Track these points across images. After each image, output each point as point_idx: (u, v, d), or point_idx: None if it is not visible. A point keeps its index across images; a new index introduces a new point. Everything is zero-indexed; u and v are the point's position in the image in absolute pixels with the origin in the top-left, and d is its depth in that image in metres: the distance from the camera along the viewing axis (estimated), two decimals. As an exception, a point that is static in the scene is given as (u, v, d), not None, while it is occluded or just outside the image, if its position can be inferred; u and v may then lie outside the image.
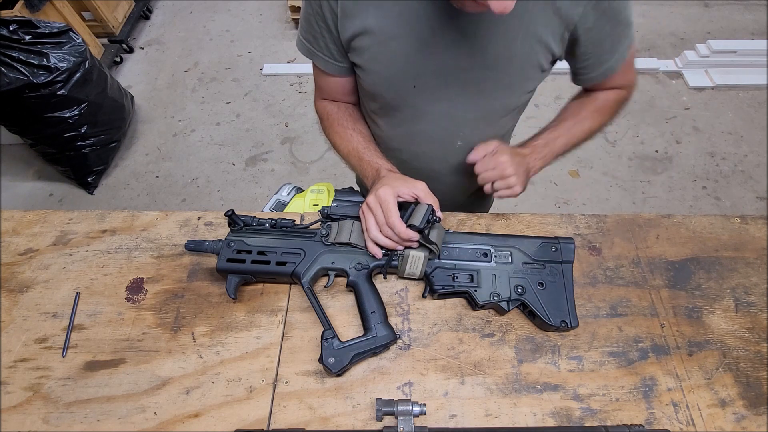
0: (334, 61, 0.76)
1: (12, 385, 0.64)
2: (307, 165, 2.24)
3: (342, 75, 0.79)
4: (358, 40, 0.69)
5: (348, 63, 0.76)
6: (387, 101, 0.78)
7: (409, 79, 0.72)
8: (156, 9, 3.10)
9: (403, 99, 0.76)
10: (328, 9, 0.67)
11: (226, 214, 0.71)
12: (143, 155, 2.28)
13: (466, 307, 0.71)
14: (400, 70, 0.71)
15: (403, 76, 0.72)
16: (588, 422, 0.61)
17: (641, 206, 2.06)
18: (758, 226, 0.82)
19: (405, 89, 0.74)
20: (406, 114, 0.79)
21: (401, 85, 0.74)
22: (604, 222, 0.82)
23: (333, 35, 0.71)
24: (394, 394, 0.63)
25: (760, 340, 0.68)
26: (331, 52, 0.74)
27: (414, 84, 0.73)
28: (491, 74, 0.71)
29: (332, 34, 0.71)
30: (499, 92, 0.75)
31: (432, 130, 0.82)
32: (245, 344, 0.67)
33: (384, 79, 0.74)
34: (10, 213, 0.83)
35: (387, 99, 0.77)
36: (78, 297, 0.72)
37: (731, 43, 2.56)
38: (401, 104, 0.78)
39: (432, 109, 0.77)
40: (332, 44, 0.73)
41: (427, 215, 0.65)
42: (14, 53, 1.69)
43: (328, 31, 0.71)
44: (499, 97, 0.76)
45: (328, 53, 0.75)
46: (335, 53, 0.74)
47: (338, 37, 0.71)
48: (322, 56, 0.75)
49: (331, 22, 0.69)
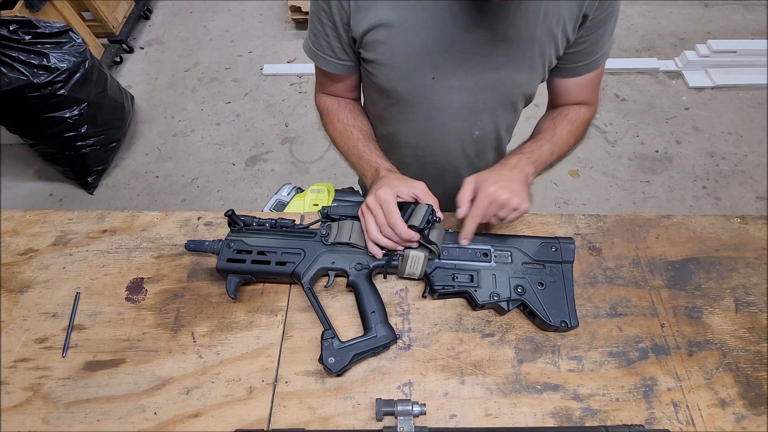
0: (336, 60, 0.76)
1: (12, 385, 0.64)
2: (307, 165, 2.24)
3: (344, 73, 0.79)
4: (373, 33, 0.67)
5: (351, 61, 0.76)
6: (402, 96, 0.76)
7: (428, 70, 0.71)
8: (156, 9, 3.10)
9: (420, 92, 0.75)
10: (337, 5, 0.67)
11: (226, 214, 0.71)
12: (143, 155, 2.28)
13: (466, 307, 0.71)
14: (419, 62, 0.70)
15: (421, 68, 0.71)
16: (588, 422, 0.61)
17: (641, 206, 2.06)
18: (758, 226, 0.82)
19: (423, 82, 0.73)
20: (422, 108, 0.78)
21: (419, 77, 0.72)
22: (604, 222, 0.82)
23: (338, 32, 0.70)
24: (394, 394, 0.63)
25: (760, 340, 0.68)
26: (334, 50, 0.74)
27: (433, 75, 0.71)
28: (513, 58, 0.70)
29: (337, 31, 0.70)
30: (521, 76, 0.74)
31: (449, 123, 0.80)
32: (245, 344, 0.67)
33: (401, 72, 0.72)
34: (10, 213, 0.83)
35: (403, 94, 0.76)
36: (78, 297, 0.72)
37: (731, 43, 2.56)
38: (417, 98, 0.76)
39: (450, 101, 0.76)
40: (336, 42, 0.72)
41: (427, 215, 0.65)
42: (14, 53, 1.69)
43: (333, 29, 0.70)
44: (519, 82, 0.75)
45: (330, 52, 0.74)
46: (338, 51, 0.74)
47: (344, 35, 0.70)
48: (323, 56, 0.75)
49: (339, 18, 0.68)
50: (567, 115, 0.81)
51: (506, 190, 0.65)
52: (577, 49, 0.73)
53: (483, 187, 0.65)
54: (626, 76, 2.60)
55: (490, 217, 0.67)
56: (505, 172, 0.69)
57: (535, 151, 0.75)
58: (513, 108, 0.83)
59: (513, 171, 0.69)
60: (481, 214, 0.65)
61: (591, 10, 0.67)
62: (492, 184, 0.65)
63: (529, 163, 0.72)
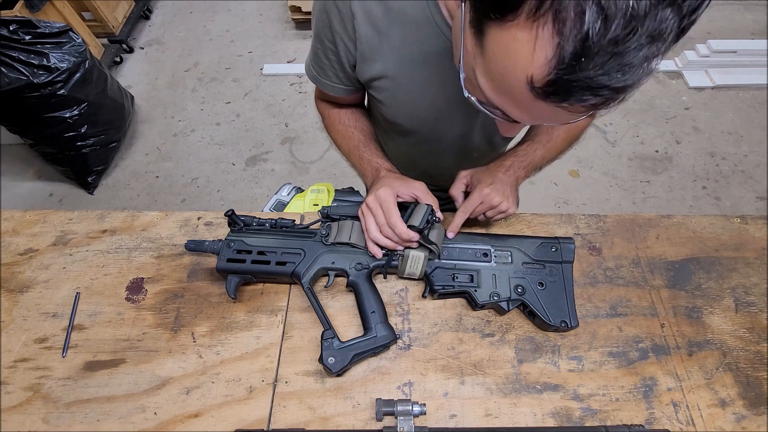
0: (341, 85, 0.76)
1: (12, 385, 0.64)
2: (307, 165, 2.24)
3: (349, 95, 0.79)
4: (378, 82, 0.69)
5: (356, 86, 0.76)
6: (406, 128, 0.80)
7: (431, 114, 0.74)
8: (156, 9, 3.10)
9: (424, 125, 0.78)
10: (344, 50, 0.67)
11: (226, 214, 0.71)
12: (143, 155, 2.28)
13: (466, 307, 0.71)
14: (422, 108, 0.73)
15: (424, 112, 0.74)
16: (588, 422, 0.61)
17: (641, 206, 2.06)
18: (758, 226, 0.82)
19: (426, 121, 0.76)
20: (425, 135, 0.81)
21: (422, 117, 0.75)
22: (604, 222, 0.82)
23: (344, 68, 0.71)
24: (394, 394, 0.63)
25: (760, 340, 0.68)
26: (340, 79, 0.74)
27: (436, 116, 0.74)
28: None
29: (343, 67, 0.71)
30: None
31: (448, 149, 0.84)
32: (245, 344, 0.67)
33: (405, 114, 0.75)
34: (10, 213, 0.83)
35: (406, 127, 0.79)
36: (78, 297, 0.72)
37: (731, 43, 2.56)
38: (421, 129, 0.79)
39: (451, 132, 0.79)
40: (341, 73, 0.73)
41: (427, 215, 0.65)
42: (14, 53, 1.69)
43: (338, 64, 0.70)
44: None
45: (336, 80, 0.75)
46: (343, 79, 0.74)
47: (350, 71, 0.71)
48: (329, 83, 0.75)
49: (345, 60, 0.69)
50: None
51: (499, 193, 0.70)
52: None
53: (478, 187, 0.71)
54: (626, 76, 2.60)
55: (477, 215, 0.72)
56: (500, 174, 0.72)
57: (529, 155, 0.77)
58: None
59: (507, 174, 0.73)
60: (471, 210, 0.71)
61: None
62: (487, 185, 0.70)
63: (521, 167, 0.76)
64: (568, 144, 0.83)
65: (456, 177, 0.75)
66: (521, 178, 0.76)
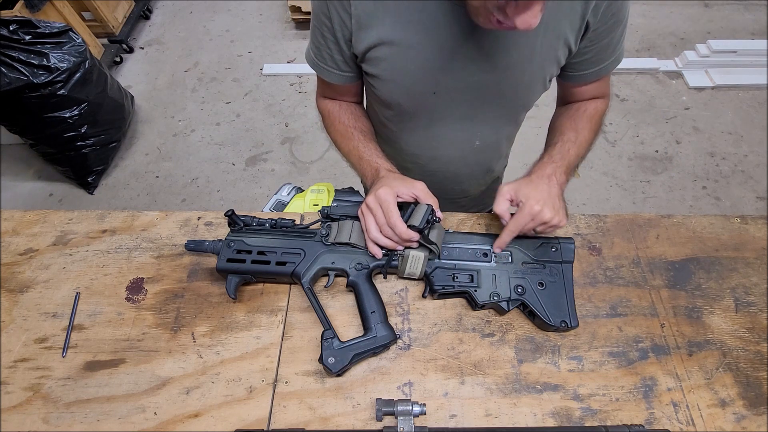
0: (338, 71, 0.76)
1: (12, 385, 0.64)
2: (307, 165, 2.24)
3: (347, 83, 0.79)
4: (375, 50, 0.68)
5: (353, 72, 0.76)
6: (404, 109, 0.78)
7: (429, 86, 0.72)
8: (156, 9, 3.10)
9: (422, 105, 0.76)
10: (339, 21, 0.67)
11: (226, 214, 0.71)
12: (143, 155, 2.28)
13: (466, 307, 0.71)
14: (420, 79, 0.71)
15: (422, 85, 0.72)
16: (588, 422, 0.61)
17: (641, 206, 2.06)
18: (758, 226, 0.82)
19: (424, 96, 0.74)
20: (423, 119, 0.79)
21: (421, 93, 0.73)
22: (604, 222, 0.82)
23: (340, 47, 0.70)
24: (394, 394, 0.63)
25: (760, 340, 0.68)
26: (336, 62, 0.74)
27: (434, 91, 0.73)
28: (513, 74, 0.70)
29: (339, 46, 0.70)
30: (520, 91, 0.74)
31: (450, 133, 0.82)
32: (245, 344, 0.67)
33: (403, 88, 0.73)
34: (10, 213, 0.83)
35: (404, 107, 0.77)
36: (78, 297, 0.72)
37: (731, 43, 2.56)
38: (419, 111, 0.78)
39: (450, 114, 0.78)
40: (338, 55, 0.72)
41: (427, 215, 0.65)
42: (14, 53, 1.69)
43: (334, 43, 0.70)
44: (520, 95, 0.76)
45: (332, 64, 0.74)
46: (340, 63, 0.74)
47: (346, 49, 0.70)
48: (326, 67, 0.75)
49: (341, 34, 0.68)
50: (585, 111, 0.81)
51: (550, 208, 0.66)
52: (583, 58, 0.73)
53: (528, 204, 0.66)
54: (626, 76, 2.60)
55: (527, 232, 0.69)
56: (543, 186, 0.69)
57: (565, 157, 0.74)
58: (514, 120, 0.84)
59: (551, 184, 0.69)
60: (521, 229, 0.67)
61: (593, 20, 0.66)
62: (537, 202, 0.66)
63: (562, 173, 0.72)
64: (594, 134, 0.81)
65: (498, 192, 0.70)
66: (564, 183, 0.73)
